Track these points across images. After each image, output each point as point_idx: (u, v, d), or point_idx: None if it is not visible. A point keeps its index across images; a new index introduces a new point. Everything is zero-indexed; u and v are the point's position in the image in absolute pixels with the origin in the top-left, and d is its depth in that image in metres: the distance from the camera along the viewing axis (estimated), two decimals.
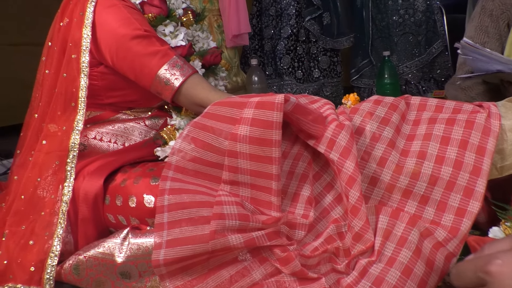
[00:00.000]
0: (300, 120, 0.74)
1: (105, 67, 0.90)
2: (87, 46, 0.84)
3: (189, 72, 0.87)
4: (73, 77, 0.84)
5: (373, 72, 2.86)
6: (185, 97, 0.88)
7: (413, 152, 0.76)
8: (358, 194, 0.70)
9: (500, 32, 1.29)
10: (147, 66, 0.85)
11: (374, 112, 0.79)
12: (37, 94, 0.94)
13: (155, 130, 0.97)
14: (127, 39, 0.84)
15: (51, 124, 0.85)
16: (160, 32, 0.93)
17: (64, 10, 0.90)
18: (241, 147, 0.71)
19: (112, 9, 0.85)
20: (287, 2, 2.61)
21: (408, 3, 2.67)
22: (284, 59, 2.59)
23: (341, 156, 0.72)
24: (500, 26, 1.28)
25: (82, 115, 0.84)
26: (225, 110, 0.75)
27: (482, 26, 1.31)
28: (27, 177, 0.82)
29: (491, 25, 1.30)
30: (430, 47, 2.68)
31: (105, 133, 0.93)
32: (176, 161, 0.75)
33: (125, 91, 0.94)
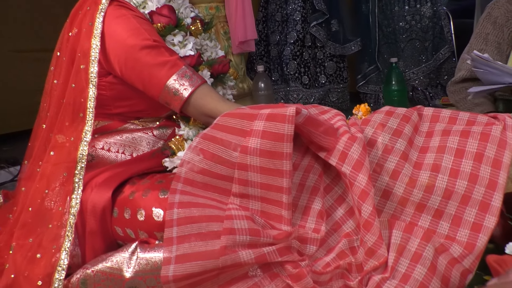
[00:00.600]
0: (311, 132, 0.72)
1: (114, 77, 0.89)
2: (95, 56, 0.84)
3: (198, 83, 0.86)
4: (81, 88, 0.84)
5: (380, 78, 2.85)
6: (194, 108, 0.87)
7: (426, 165, 0.75)
8: (371, 209, 0.69)
9: (500, 41, 1.28)
10: (156, 77, 0.84)
11: (386, 124, 0.78)
12: (45, 104, 0.94)
13: (163, 140, 0.96)
14: (136, 50, 0.83)
15: (59, 135, 0.84)
16: (169, 41, 0.93)
17: (73, 20, 0.90)
18: (251, 160, 0.70)
19: (121, 19, 0.85)
20: (293, 7, 2.61)
21: (414, 9, 2.66)
22: (290, 65, 2.58)
23: (354, 169, 0.70)
24: (504, 34, 1.27)
25: (90, 125, 0.83)
26: (235, 122, 0.74)
27: (482, 33, 1.31)
28: (35, 188, 0.82)
29: (492, 32, 1.29)
30: (437, 53, 2.67)
31: (113, 143, 0.92)
32: (185, 173, 0.74)
33: (133, 101, 0.93)
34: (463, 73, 1.27)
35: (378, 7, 2.78)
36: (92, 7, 0.86)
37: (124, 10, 0.86)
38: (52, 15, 2.57)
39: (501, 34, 1.29)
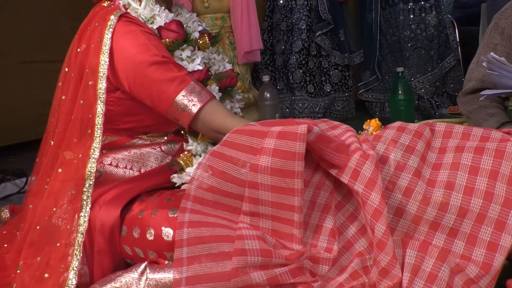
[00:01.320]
0: (323, 150, 0.71)
1: (122, 92, 0.89)
2: (104, 72, 0.83)
3: (206, 98, 0.85)
4: (89, 104, 0.83)
5: (384, 87, 2.84)
6: (203, 123, 0.86)
7: (440, 182, 0.73)
8: (384, 228, 0.67)
9: (508, 51, 1.27)
10: (165, 92, 0.84)
11: (398, 140, 0.77)
12: (53, 119, 0.93)
13: (171, 156, 0.96)
14: (145, 66, 0.83)
15: (67, 152, 0.84)
16: (177, 56, 0.92)
17: (81, 36, 0.90)
18: (262, 178, 0.69)
19: (130, 35, 0.84)
20: (298, 16, 2.61)
21: (419, 18, 2.65)
22: (295, 74, 2.58)
23: (366, 188, 0.69)
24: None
25: (99, 142, 0.82)
26: (245, 139, 0.74)
27: (490, 43, 1.30)
28: (43, 206, 0.81)
29: (501, 43, 1.28)
30: (443, 61, 2.65)
31: (121, 159, 0.92)
32: (195, 191, 0.73)
33: (141, 116, 0.92)
34: (473, 84, 1.26)
35: (382, 16, 2.78)
36: (101, 23, 0.85)
37: (133, 26, 0.85)
38: (58, 27, 2.59)
39: (509, 44, 1.29)
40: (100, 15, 0.88)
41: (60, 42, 2.67)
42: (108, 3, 0.93)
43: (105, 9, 0.89)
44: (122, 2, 0.91)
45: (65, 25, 2.64)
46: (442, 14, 2.66)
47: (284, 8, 2.66)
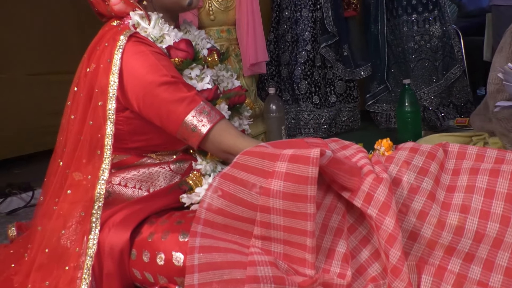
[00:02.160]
0: (335, 173, 0.70)
1: (131, 112, 0.89)
2: (114, 93, 0.83)
3: (216, 118, 0.84)
4: (99, 125, 0.83)
5: (390, 98, 2.83)
6: (212, 144, 0.85)
7: (455, 205, 0.72)
8: (399, 254, 0.66)
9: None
10: (174, 113, 0.83)
11: (411, 162, 0.76)
12: (61, 138, 0.93)
13: (180, 175, 0.95)
14: (154, 86, 0.83)
15: (76, 172, 0.83)
16: (186, 75, 0.92)
17: (90, 55, 0.89)
18: (274, 203, 0.68)
19: (140, 56, 0.84)
20: (303, 28, 2.62)
21: (423, 29, 2.64)
22: (301, 85, 2.58)
23: (380, 212, 0.68)
24: None
25: (108, 163, 0.82)
26: (256, 162, 0.73)
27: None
28: (52, 228, 0.80)
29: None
30: (448, 72, 2.64)
31: (130, 179, 0.91)
32: (205, 214, 0.72)
33: (150, 135, 0.92)
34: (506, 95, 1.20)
35: (387, 27, 2.78)
36: (110, 43, 0.85)
37: (143, 46, 0.85)
38: (65, 39, 2.61)
39: None
40: (109, 35, 0.88)
41: (67, 53, 2.69)
42: (117, 22, 0.93)
43: (115, 29, 0.89)
44: (131, 22, 0.91)
45: (72, 37, 2.66)
46: (447, 25, 2.65)
47: (290, 19, 2.67)
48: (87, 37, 2.96)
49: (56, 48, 2.56)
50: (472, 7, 4.00)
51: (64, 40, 2.61)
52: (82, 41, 2.95)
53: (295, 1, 2.64)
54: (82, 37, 2.69)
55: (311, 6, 2.62)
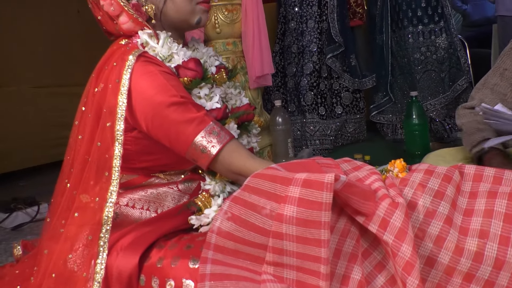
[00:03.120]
0: (349, 198, 0.69)
1: (139, 132, 0.88)
2: (122, 114, 0.82)
3: (226, 139, 0.83)
4: (107, 146, 0.82)
5: (396, 109, 2.81)
6: (222, 165, 0.84)
7: (473, 230, 0.70)
8: (417, 282, 0.64)
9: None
10: (183, 134, 0.82)
11: (427, 185, 0.74)
12: (68, 157, 0.92)
13: (188, 195, 0.94)
14: (164, 107, 0.82)
15: (83, 195, 0.82)
16: (195, 95, 0.91)
17: (98, 75, 0.89)
18: (287, 229, 0.67)
19: (148, 76, 0.83)
20: (309, 39, 2.61)
21: (429, 40, 2.63)
22: (307, 96, 2.57)
23: (397, 239, 0.66)
24: None
25: (116, 185, 0.80)
26: (268, 185, 0.71)
27: (500, 67, 1.29)
28: (58, 251, 0.79)
29: (510, 68, 1.26)
30: (454, 84, 2.63)
31: (138, 200, 0.90)
32: (216, 239, 0.70)
33: (158, 155, 0.91)
34: (475, 103, 1.25)
35: (392, 39, 2.77)
36: (119, 63, 0.84)
37: (151, 66, 0.84)
38: (71, 51, 2.63)
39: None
40: (118, 55, 0.87)
41: (72, 66, 2.71)
42: (125, 41, 0.93)
43: (123, 48, 0.88)
44: (140, 41, 0.91)
45: (78, 50, 2.68)
46: (453, 37, 2.63)
47: (295, 31, 2.67)
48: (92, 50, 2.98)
49: (61, 61, 2.58)
50: (477, 17, 3.99)
51: (70, 53, 2.63)
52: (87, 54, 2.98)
53: (300, 13, 2.64)
54: (87, 50, 2.71)
55: (317, 17, 2.62)
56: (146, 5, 0.91)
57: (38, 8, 2.47)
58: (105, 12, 0.90)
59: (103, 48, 1.04)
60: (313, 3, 2.63)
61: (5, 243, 1.50)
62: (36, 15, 2.50)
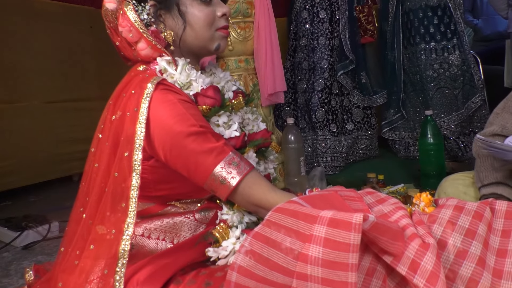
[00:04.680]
0: (377, 238, 0.66)
1: (156, 160, 0.86)
2: (140, 143, 0.80)
3: (246, 170, 0.81)
4: (124, 176, 0.80)
5: (408, 125, 2.78)
6: (242, 197, 0.82)
7: (507, 273, 0.67)
8: None
9: None
10: (202, 164, 0.80)
11: (457, 222, 0.71)
12: (84, 184, 0.90)
13: (205, 224, 0.91)
14: (183, 137, 0.80)
15: (99, 226, 0.80)
16: (214, 123, 0.89)
17: (116, 102, 0.87)
18: (312, 270, 0.64)
19: (167, 105, 0.81)
20: (320, 56, 2.60)
21: (442, 57, 2.61)
22: (318, 112, 2.55)
23: (428, 283, 0.63)
24: None
25: (133, 217, 0.78)
26: (290, 222, 0.68)
27: None
28: (73, 284, 0.77)
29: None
30: (468, 101, 2.59)
31: (153, 230, 0.88)
32: (236, 278, 0.67)
33: (175, 184, 0.89)
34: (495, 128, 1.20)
35: (404, 55, 2.75)
36: (137, 91, 0.83)
37: (170, 95, 0.83)
38: (82, 66, 2.64)
39: None
40: (136, 82, 0.85)
41: (83, 81, 2.72)
42: (143, 67, 0.91)
43: (141, 75, 0.87)
44: (158, 67, 0.89)
45: (90, 64, 2.69)
46: (466, 54, 2.61)
47: (306, 47, 2.67)
48: (104, 65, 3.01)
49: (73, 76, 2.59)
50: (489, 31, 3.97)
51: (81, 68, 2.64)
52: (99, 70, 2.99)
53: (312, 30, 2.64)
54: (99, 66, 2.73)
55: (328, 34, 2.62)
56: (165, 31, 0.90)
57: (51, 24, 2.49)
58: (124, 38, 0.89)
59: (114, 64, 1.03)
60: (324, 20, 2.63)
61: (16, 263, 1.49)
62: (49, 31, 2.52)
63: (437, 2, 2.59)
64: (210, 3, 0.91)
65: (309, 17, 2.64)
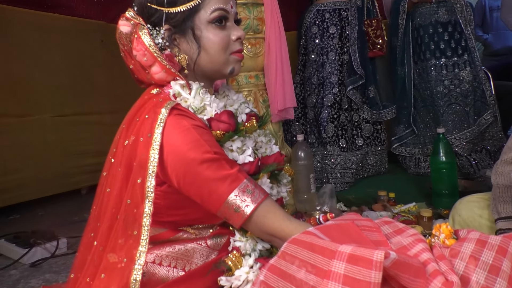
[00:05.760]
0: (399, 275, 0.63)
1: (168, 186, 0.84)
2: (153, 170, 0.79)
3: (260, 198, 0.79)
4: (136, 203, 0.79)
5: (418, 141, 2.75)
6: (256, 225, 0.80)
7: None
8: None
9: None
10: (216, 192, 0.79)
11: (480, 258, 0.68)
12: (95, 207, 0.89)
13: (217, 251, 0.89)
14: (196, 164, 0.78)
15: (111, 254, 0.78)
16: (227, 148, 0.88)
17: (129, 126, 0.86)
18: None
19: (181, 130, 0.80)
20: (330, 70, 2.60)
21: (453, 73, 2.58)
22: (328, 128, 2.54)
23: None
24: None
25: (145, 245, 0.77)
26: (307, 255, 0.66)
27: None
28: None
29: None
30: (480, 117, 2.56)
31: (165, 256, 0.86)
32: None
33: (187, 210, 0.87)
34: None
35: (414, 70, 2.73)
36: (151, 116, 0.82)
37: (184, 120, 0.82)
38: (93, 79, 2.65)
39: None
40: (150, 107, 0.85)
41: (94, 94, 2.73)
42: (157, 90, 0.91)
43: (155, 99, 0.86)
44: (172, 91, 0.89)
45: (100, 77, 2.70)
46: (477, 70, 2.58)
47: (316, 62, 2.66)
48: (114, 79, 3.00)
49: (84, 90, 2.60)
50: (499, 46, 3.94)
51: (92, 82, 2.65)
52: (108, 83, 3.00)
53: (321, 45, 2.64)
54: (109, 79, 2.74)
55: (338, 49, 2.61)
56: (179, 55, 0.89)
57: (62, 38, 2.51)
58: (138, 61, 0.89)
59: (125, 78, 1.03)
60: (334, 36, 2.62)
61: (23, 281, 1.47)
62: (60, 45, 2.53)
63: (447, 18, 2.58)
64: (224, 27, 0.90)
65: (319, 32, 2.64)
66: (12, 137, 2.23)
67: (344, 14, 2.61)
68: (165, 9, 0.87)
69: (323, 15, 2.63)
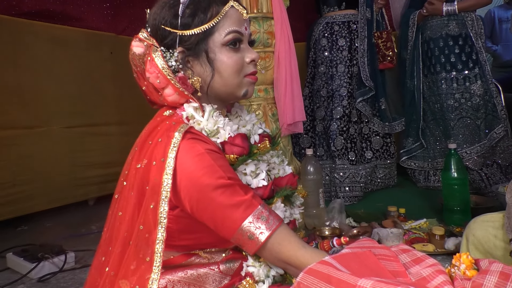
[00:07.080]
0: None
1: (181, 210, 0.83)
2: (166, 195, 0.78)
3: (275, 225, 0.78)
4: (149, 229, 0.77)
5: (428, 154, 2.73)
6: (270, 253, 0.78)
7: None
8: None
9: None
10: (230, 218, 0.77)
11: None
12: (106, 229, 0.88)
13: (229, 276, 0.88)
14: (210, 189, 0.77)
15: (122, 280, 0.77)
16: (241, 171, 0.87)
17: (142, 149, 0.85)
18: None
19: (195, 155, 0.79)
20: (339, 83, 2.59)
21: (464, 87, 2.56)
22: (337, 140, 2.52)
23: None
24: None
25: (158, 272, 0.76)
26: (324, 287, 0.65)
27: None
28: None
29: None
30: (491, 131, 2.53)
31: (177, 282, 0.84)
32: None
33: (200, 234, 0.86)
34: None
35: (424, 83, 2.71)
36: (164, 140, 0.81)
37: (198, 145, 0.80)
38: (101, 90, 2.66)
39: None
40: (163, 130, 0.84)
41: (102, 105, 2.74)
42: (169, 112, 0.90)
43: (168, 122, 0.85)
44: (185, 114, 0.88)
45: (109, 89, 2.71)
46: (488, 83, 2.56)
47: (325, 75, 2.65)
48: (122, 90, 3.02)
49: (92, 101, 2.61)
50: (508, 57, 3.92)
51: (101, 93, 2.66)
52: (117, 95, 3.01)
53: (330, 57, 2.63)
54: (117, 91, 2.75)
55: (347, 62, 2.61)
56: (193, 78, 0.89)
57: (72, 50, 2.53)
58: (150, 83, 0.88)
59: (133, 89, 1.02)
60: (343, 48, 2.62)
61: None
62: (70, 56, 2.55)
63: (458, 31, 2.56)
64: (239, 49, 0.90)
65: (328, 45, 2.64)
66: (20, 149, 2.23)
67: (353, 26, 2.61)
68: (179, 31, 0.87)
69: (332, 28, 2.63)
